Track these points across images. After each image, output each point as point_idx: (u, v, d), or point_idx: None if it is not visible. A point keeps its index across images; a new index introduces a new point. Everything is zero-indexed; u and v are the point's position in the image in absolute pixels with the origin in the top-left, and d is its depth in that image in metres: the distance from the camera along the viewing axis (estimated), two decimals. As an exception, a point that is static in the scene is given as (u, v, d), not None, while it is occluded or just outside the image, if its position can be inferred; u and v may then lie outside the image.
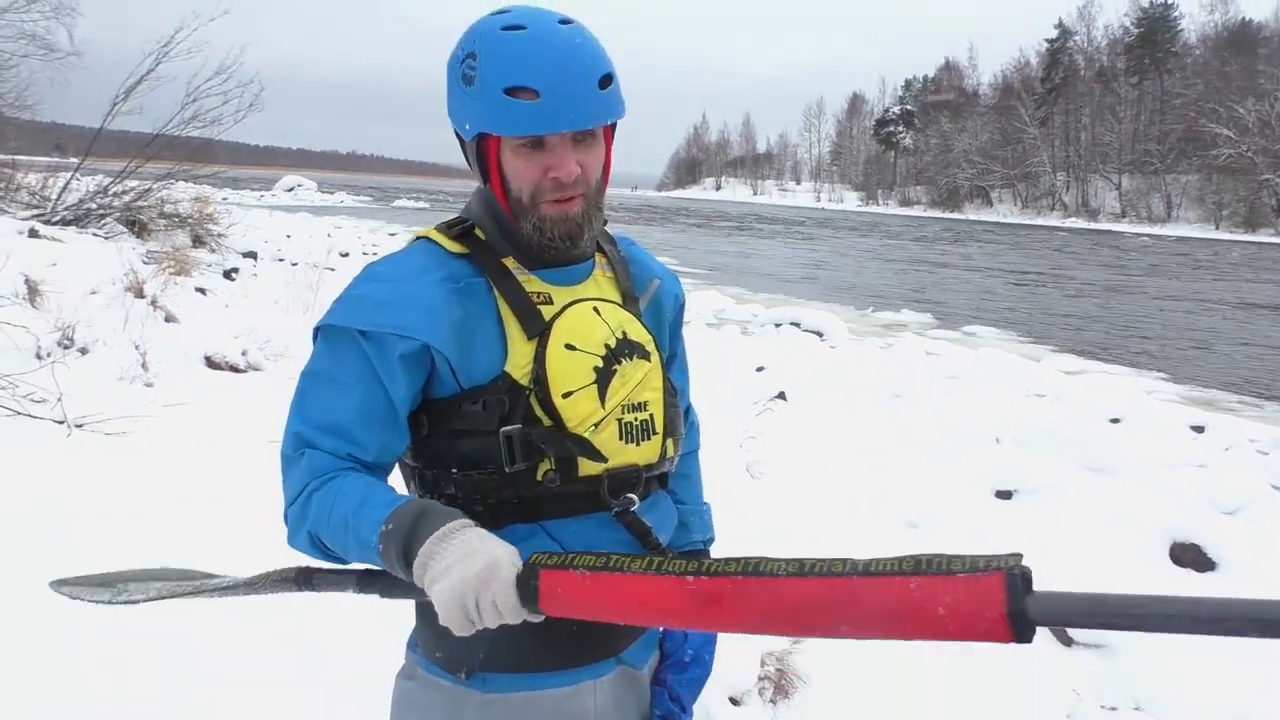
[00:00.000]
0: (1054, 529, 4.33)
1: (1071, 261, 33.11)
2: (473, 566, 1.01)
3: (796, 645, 3.10)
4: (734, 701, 2.89)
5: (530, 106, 1.17)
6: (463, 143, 1.29)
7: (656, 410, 1.31)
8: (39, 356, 5.44)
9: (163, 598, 1.40)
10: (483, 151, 1.26)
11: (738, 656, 2.92)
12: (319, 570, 1.25)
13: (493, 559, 1.02)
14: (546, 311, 1.26)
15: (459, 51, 1.24)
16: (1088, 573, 3.85)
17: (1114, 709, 3.04)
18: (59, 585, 1.47)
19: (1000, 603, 0.79)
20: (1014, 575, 0.80)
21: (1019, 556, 0.81)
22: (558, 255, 1.28)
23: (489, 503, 1.24)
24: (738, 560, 0.94)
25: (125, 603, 1.41)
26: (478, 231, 1.31)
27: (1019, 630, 0.79)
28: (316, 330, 1.26)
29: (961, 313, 17.06)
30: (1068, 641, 3.38)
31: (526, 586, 1.01)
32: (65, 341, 5.81)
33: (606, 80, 1.21)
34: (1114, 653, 3.29)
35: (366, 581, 1.19)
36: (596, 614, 1.01)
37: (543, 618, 1.04)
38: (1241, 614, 0.75)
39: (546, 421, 1.22)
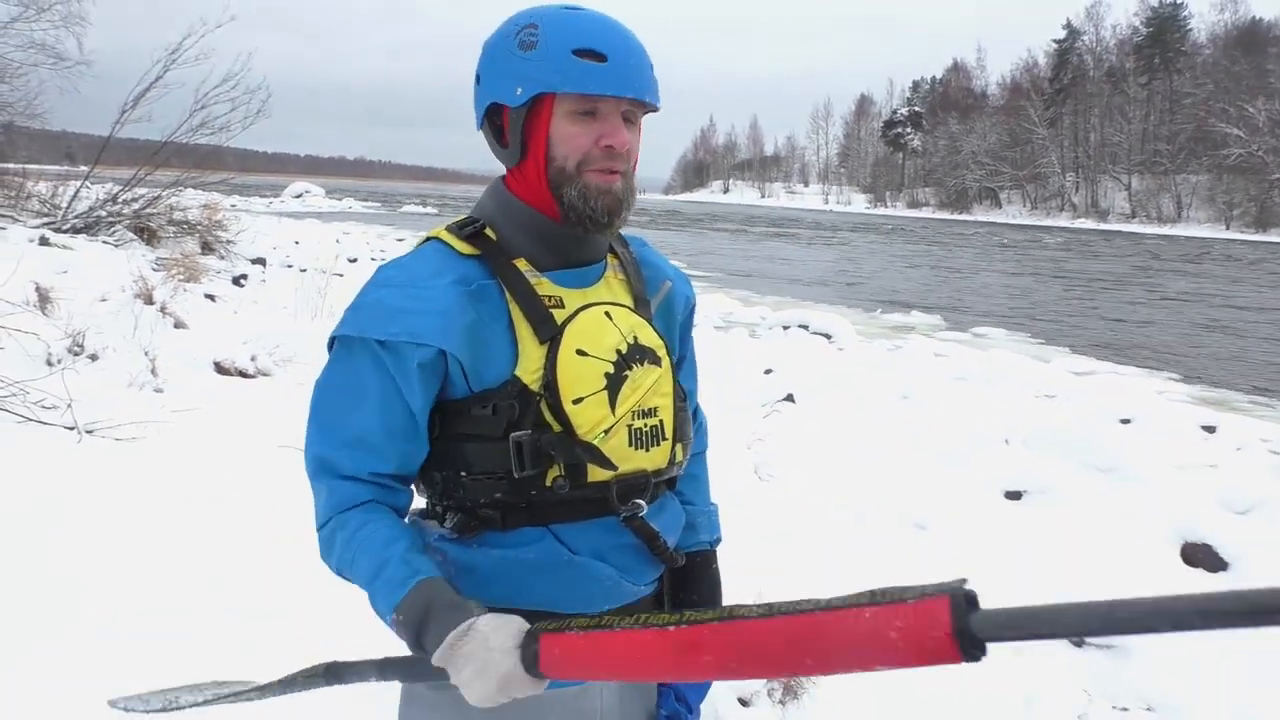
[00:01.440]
0: (1064, 530, 4.31)
1: (1086, 263, 32.99)
2: (490, 683, 1.04)
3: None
4: (743, 703, 2.89)
5: (598, 68, 1.20)
6: (492, 121, 1.29)
7: (666, 416, 1.31)
8: (49, 363, 5.47)
9: (208, 703, 1.43)
10: (529, 121, 1.26)
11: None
12: (346, 664, 1.26)
13: (503, 673, 1.04)
14: (558, 316, 1.25)
15: (511, 27, 1.26)
16: (1098, 573, 3.83)
17: (1125, 709, 3.03)
18: (115, 703, 1.49)
19: (945, 622, 0.81)
20: (958, 597, 0.82)
21: (964, 581, 0.84)
22: (591, 231, 1.27)
23: (498, 506, 1.24)
24: (714, 610, 0.99)
25: (175, 709, 1.45)
26: (489, 232, 1.30)
27: (966, 647, 0.81)
28: (332, 340, 1.26)
29: (971, 314, 17.01)
30: (1079, 642, 3.36)
31: (531, 660, 1.05)
32: (75, 348, 5.84)
33: (652, 69, 1.28)
34: (1126, 653, 3.27)
35: (387, 670, 1.22)
36: (591, 671, 1.05)
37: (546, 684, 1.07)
38: (1189, 608, 0.75)
39: (556, 427, 1.21)
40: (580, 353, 1.23)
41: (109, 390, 5.43)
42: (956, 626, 0.80)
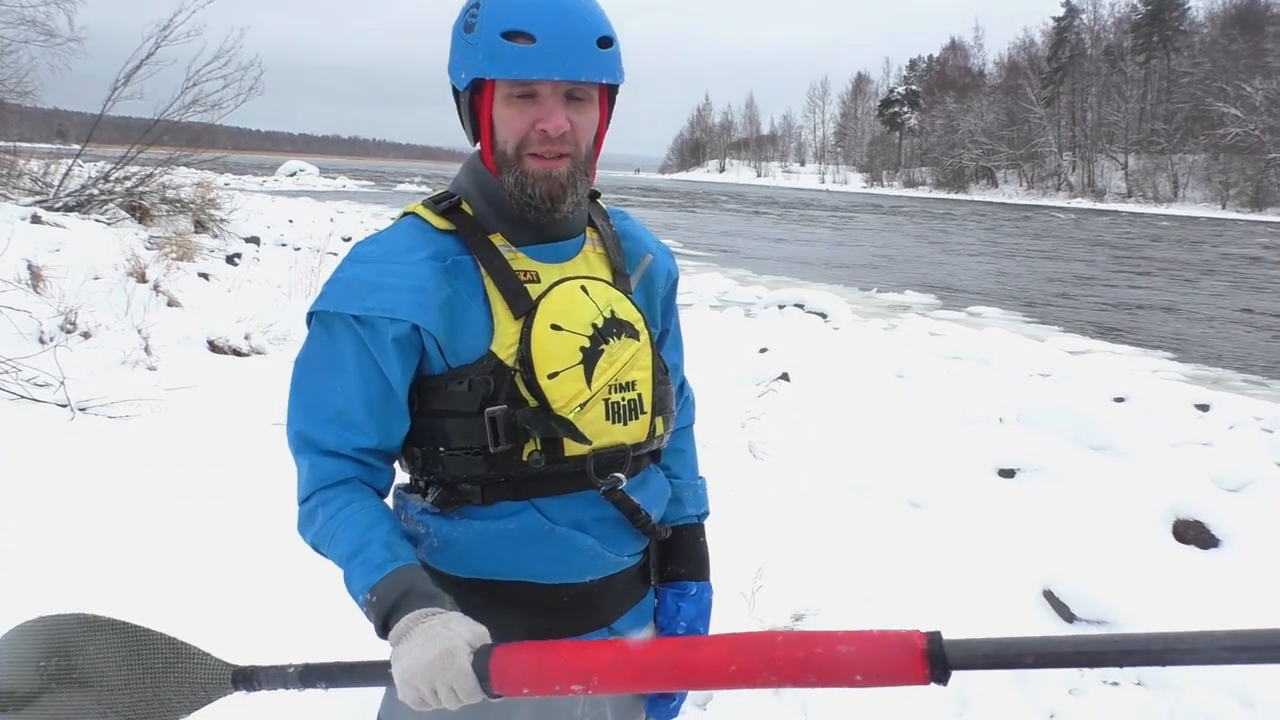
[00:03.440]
0: (1057, 507, 4.32)
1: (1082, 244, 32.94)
2: (429, 653, 1.03)
3: (799, 623, 3.11)
4: (736, 679, 2.90)
5: (525, 50, 1.16)
6: (458, 100, 1.28)
7: (645, 389, 1.30)
8: (42, 341, 5.46)
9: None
10: (476, 105, 1.25)
11: (740, 634, 2.92)
12: (260, 668, 1.21)
13: (449, 646, 1.03)
14: (534, 290, 1.24)
15: (465, 4, 1.24)
16: (1091, 551, 3.85)
17: (1116, 685, 3.05)
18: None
19: (920, 644, 0.93)
20: (933, 633, 0.94)
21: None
22: (538, 217, 1.26)
23: (476, 481, 1.24)
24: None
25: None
26: (465, 206, 1.29)
27: (935, 668, 0.92)
28: (310, 316, 1.26)
29: (966, 294, 17.00)
30: (1070, 618, 3.38)
31: (482, 669, 1.03)
32: (68, 326, 5.82)
33: (606, 42, 1.21)
34: (1116, 629, 3.29)
35: (309, 676, 1.17)
36: (549, 681, 1.02)
37: (501, 699, 1.05)
38: (1132, 646, 0.87)
39: (532, 402, 1.21)
40: (555, 327, 1.22)
41: (102, 368, 5.41)
42: (930, 648, 0.92)
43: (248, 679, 1.21)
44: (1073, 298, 17.19)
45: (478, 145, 1.30)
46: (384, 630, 1.10)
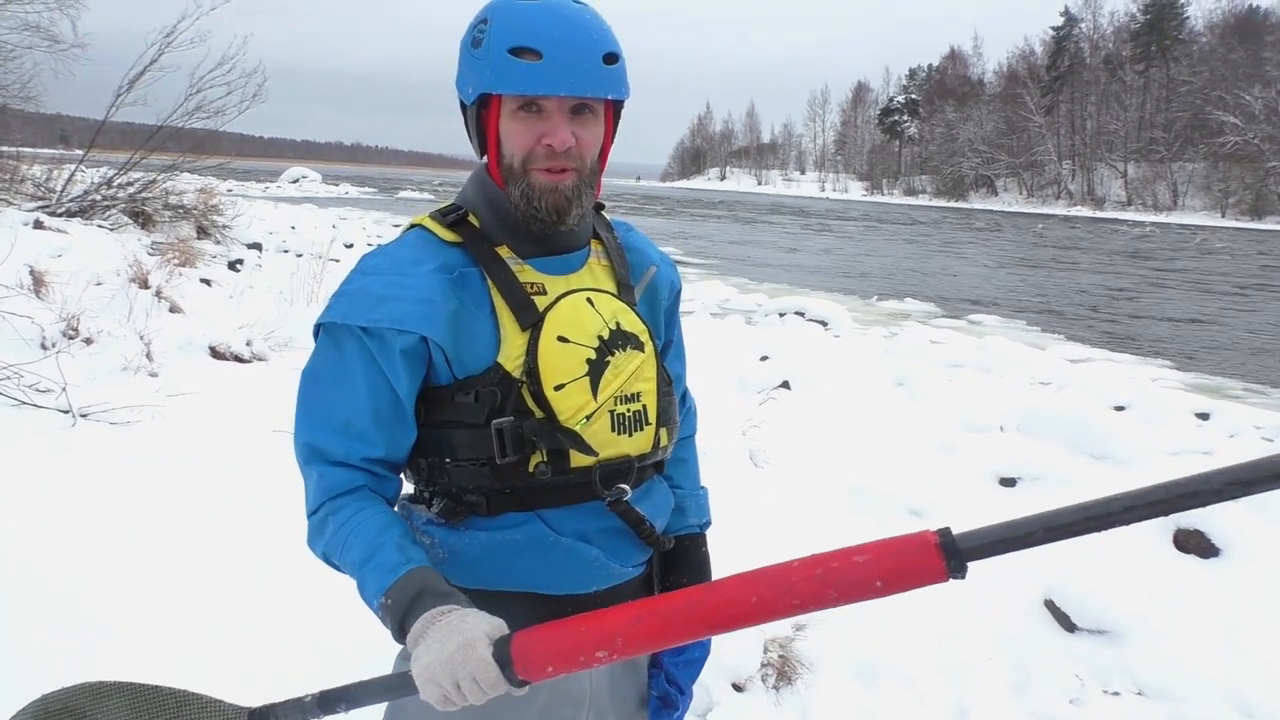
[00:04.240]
0: (1057, 516, 4.33)
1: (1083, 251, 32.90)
2: (448, 647, 1.03)
3: (799, 632, 3.11)
4: (737, 688, 2.90)
5: (531, 67, 1.18)
6: (465, 114, 1.30)
7: (650, 401, 1.31)
8: (44, 347, 5.47)
9: None
10: (483, 119, 1.27)
11: (740, 643, 2.92)
12: (276, 705, 1.20)
13: (467, 638, 1.03)
14: (540, 302, 1.26)
15: (474, 20, 1.26)
16: (1092, 560, 3.85)
17: (1117, 694, 3.05)
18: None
19: (933, 540, 0.97)
20: (943, 529, 0.98)
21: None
22: (543, 229, 1.27)
23: (482, 492, 1.25)
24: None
25: None
26: (471, 218, 1.31)
27: (951, 560, 0.96)
28: (317, 327, 1.27)
29: (967, 302, 17.00)
30: (1071, 628, 3.38)
31: (504, 657, 1.03)
32: (70, 332, 5.83)
33: (611, 58, 1.23)
34: (1117, 638, 3.29)
35: (329, 701, 1.17)
36: (573, 653, 1.03)
37: (526, 689, 1.06)
38: (1133, 503, 0.91)
39: (538, 413, 1.22)
40: (562, 339, 1.23)
41: (104, 374, 5.41)
42: (943, 540, 0.97)
43: (264, 718, 1.20)
44: (1101, 310, 17.04)
45: (484, 158, 1.31)
46: (401, 633, 1.11)
